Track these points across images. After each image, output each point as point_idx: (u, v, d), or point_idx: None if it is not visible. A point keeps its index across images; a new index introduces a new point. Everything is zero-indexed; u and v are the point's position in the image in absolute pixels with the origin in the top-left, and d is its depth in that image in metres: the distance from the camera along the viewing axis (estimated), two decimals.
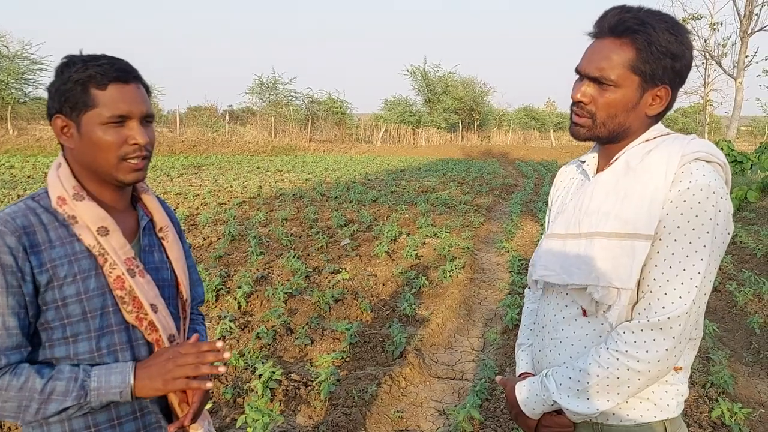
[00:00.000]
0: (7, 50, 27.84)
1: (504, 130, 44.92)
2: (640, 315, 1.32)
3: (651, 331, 1.30)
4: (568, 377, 1.41)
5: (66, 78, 1.27)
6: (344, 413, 3.58)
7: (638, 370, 1.31)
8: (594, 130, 1.41)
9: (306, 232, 8.96)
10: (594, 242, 1.38)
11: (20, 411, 1.20)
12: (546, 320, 1.57)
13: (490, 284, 6.71)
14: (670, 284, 1.29)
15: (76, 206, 1.30)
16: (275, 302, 5.57)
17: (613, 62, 1.34)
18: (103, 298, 1.31)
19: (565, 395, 1.41)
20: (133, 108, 1.29)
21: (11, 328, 1.21)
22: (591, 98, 1.39)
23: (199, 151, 27.14)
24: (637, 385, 1.34)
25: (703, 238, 1.28)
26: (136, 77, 1.32)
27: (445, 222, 9.93)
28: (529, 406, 1.49)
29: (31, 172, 16.20)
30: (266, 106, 36.27)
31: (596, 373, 1.35)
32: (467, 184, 16.30)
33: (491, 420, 3.59)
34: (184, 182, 15.42)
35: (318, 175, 18.07)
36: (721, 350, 4.53)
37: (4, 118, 26.88)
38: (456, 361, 4.62)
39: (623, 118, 1.38)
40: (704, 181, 1.28)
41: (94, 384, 1.24)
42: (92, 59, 1.28)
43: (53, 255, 1.26)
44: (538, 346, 1.61)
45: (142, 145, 1.31)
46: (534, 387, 1.49)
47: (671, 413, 1.42)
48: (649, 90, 1.36)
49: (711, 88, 27.16)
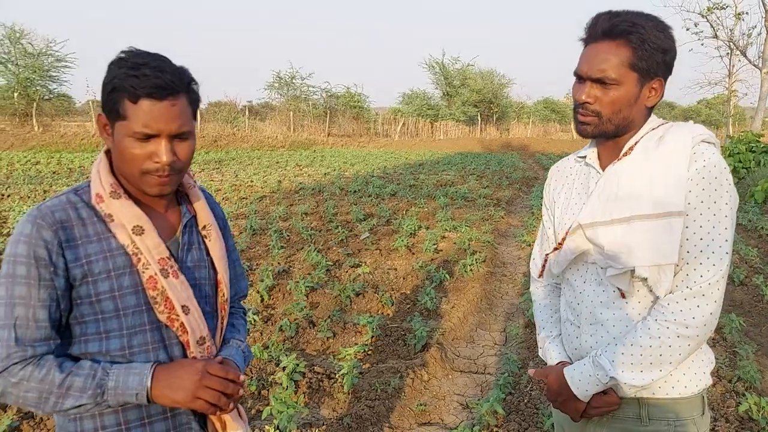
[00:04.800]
0: (32, 47, 28.27)
1: (524, 123, 44.54)
2: (680, 285, 1.43)
3: (694, 298, 1.41)
4: (621, 353, 1.48)
5: (109, 80, 1.24)
6: (368, 406, 3.61)
7: (687, 336, 1.42)
8: (601, 127, 1.51)
9: (326, 226, 9.00)
10: (633, 226, 1.47)
11: (40, 402, 1.22)
12: (581, 308, 1.62)
13: (511, 278, 6.69)
14: (703, 254, 1.41)
15: (113, 204, 1.30)
16: (297, 295, 5.61)
17: (613, 62, 1.45)
18: (137, 297, 1.31)
19: (620, 370, 1.47)
20: (162, 126, 1.24)
21: (41, 320, 1.23)
22: (595, 98, 1.49)
23: (220, 146, 27.35)
24: (687, 351, 1.44)
25: (723, 208, 1.42)
26: (174, 93, 1.25)
27: (464, 216, 9.91)
28: (583, 388, 1.54)
29: (56, 168, 16.46)
30: (285, 101, 36.37)
31: (649, 344, 1.44)
32: (486, 178, 16.22)
33: (515, 414, 3.59)
34: (205, 177, 15.57)
35: (337, 169, 18.11)
36: (747, 344, 4.47)
37: (30, 115, 27.31)
38: (478, 355, 4.62)
39: (627, 112, 1.49)
40: (715, 159, 1.43)
41: (112, 383, 1.24)
42: (137, 66, 1.22)
43: (89, 250, 1.27)
44: (574, 334, 1.66)
45: (164, 164, 1.26)
46: (586, 369, 1.54)
47: (708, 381, 1.55)
48: (646, 84, 1.49)
49: (736, 78, 26.69)
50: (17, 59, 27.90)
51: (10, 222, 8.59)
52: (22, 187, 12.27)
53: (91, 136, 25.35)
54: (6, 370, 1.21)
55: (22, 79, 27.66)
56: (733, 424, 3.42)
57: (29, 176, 14.39)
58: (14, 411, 3.40)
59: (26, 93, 27.84)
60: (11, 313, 1.22)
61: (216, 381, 1.29)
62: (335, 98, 37.47)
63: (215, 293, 1.49)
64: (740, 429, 3.40)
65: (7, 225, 8.47)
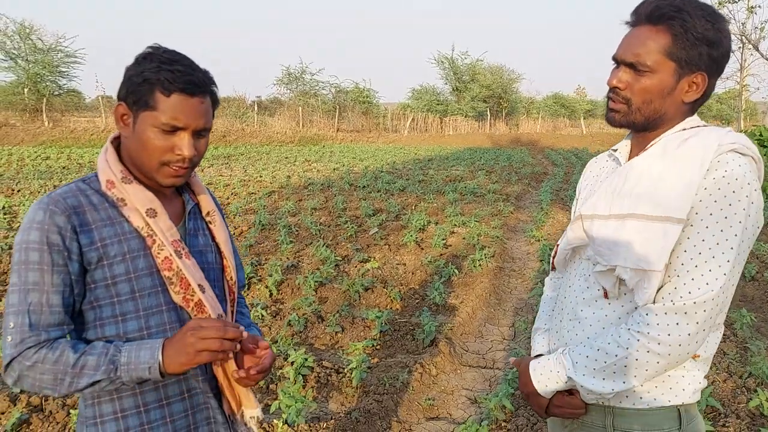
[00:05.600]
0: (41, 43, 28.46)
1: (533, 118, 44.31)
2: (665, 298, 1.31)
3: (675, 314, 1.29)
4: (585, 355, 1.41)
5: (139, 72, 1.28)
6: (376, 400, 3.61)
7: (658, 352, 1.30)
8: (629, 116, 1.41)
9: (335, 222, 9.00)
10: (626, 224, 1.38)
11: (56, 384, 1.24)
12: (566, 302, 1.57)
13: (521, 273, 6.66)
14: (698, 270, 1.29)
15: (126, 189, 1.33)
16: (306, 290, 5.62)
17: (649, 48, 1.35)
18: (152, 278, 1.34)
19: (581, 373, 1.40)
20: (190, 121, 1.30)
21: (54, 305, 1.25)
22: (627, 84, 1.40)
23: (229, 141, 27.44)
24: (655, 369, 1.33)
25: (734, 227, 1.28)
26: (204, 91, 1.32)
27: (473, 211, 9.88)
28: (543, 383, 1.48)
29: (66, 163, 16.57)
30: (294, 97, 36.39)
31: (615, 353, 1.35)
32: (496, 173, 16.16)
33: (523, 409, 3.57)
34: (214, 172, 15.62)
35: (346, 164, 18.11)
36: (759, 340, 4.43)
37: (40, 110, 27.51)
38: (487, 350, 4.61)
39: (659, 104, 1.38)
40: (739, 171, 1.29)
41: (124, 359, 1.25)
42: (169, 62, 1.28)
43: (103, 234, 1.30)
44: (556, 328, 1.61)
45: (186, 158, 1.32)
46: (549, 364, 1.48)
47: (686, 398, 1.41)
48: (686, 76, 1.37)
49: (747, 73, 26.42)
50: (27, 55, 28.12)
51: (19, 217, 8.65)
52: (33, 182, 12.37)
53: (101, 132, 25.49)
54: (21, 354, 1.23)
55: (32, 75, 27.87)
56: (744, 420, 3.39)
57: (39, 171, 14.50)
58: (24, 404, 3.43)
59: (36, 88, 28.06)
60: (25, 299, 1.23)
61: (211, 330, 1.27)
62: (344, 94, 37.44)
63: (222, 277, 1.53)
64: (751, 425, 3.37)
65: (17, 219, 8.53)
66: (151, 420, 1.36)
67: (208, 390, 1.45)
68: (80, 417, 1.38)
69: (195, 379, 1.42)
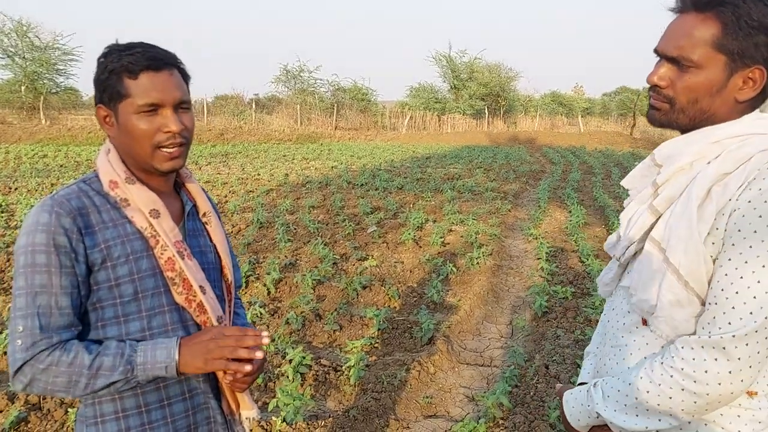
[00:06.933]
0: (39, 41, 28.36)
1: (531, 116, 44.30)
2: (703, 330, 1.14)
3: (712, 349, 1.11)
4: (617, 389, 1.27)
5: (103, 68, 1.29)
6: (374, 398, 3.61)
7: (694, 391, 1.13)
8: (671, 116, 1.25)
9: (333, 220, 9.00)
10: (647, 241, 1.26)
11: (70, 386, 1.23)
12: (609, 326, 1.41)
13: (518, 271, 6.67)
14: (739, 297, 1.09)
15: (129, 189, 1.33)
16: (304, 288, 5.62)
17: (695, 40, 1.17)
18: (155, 279, 1.34)
19: (611, 408, 1.26)
20: (165, 96, 1.29)
21: (64, 307, 1.25)
22: (669, 81, 1.22)
23: (227, 139, 27.38)
24: (693, 408, 1.15)
25: None
26: (168, 64, 1.32)
27: (471, 209, 9.89)
28: (575, 416, 1.37)
29: (63, 161, 16.53)
30: (292, 95, 36.35)
31: (646, 389, 1.19)
32: (494, 171, 16.17)
33: (520, 407, 3.58)
34: (212, 170, 15.60)
35: (344, 162, 18.09)
36: None
37: (37, 108, 27.44)
38: (484, 348, 4.61)
39: (706, 103, 1.20)
40: None
41: (140, 359, 1.26)
42: (127, 48, 1.29)
43: (107, 235, 1.30)
44: (600, 354, 1.46)
45: (175, 133, 1.31)
46: (580, 396, 1.37)
47: None
48: (739, 71, 1.17)
49: None
50: (24, 53, 28.02)
51: (17, 215, 8.64)
52: (30, 180, 12.34)
53: (98, 130, 25.42)
54: (33, 357, 1.22)
55: (30, 73, 27.79)
56: None
57: (36, 169, 14.47)
58: (22, 402, 3.43)
59: (33, 86, 27.99)
60: (33, 302, 1.23)
61: (231, 339, 1.30)
62: (343, 91, 37.40)
63: (220, 278, 1.54)
64: None
65: (15, 218, 8.52)
66: (152, 420, 1.37)
67: (209, 390, 1.46)
68: (80, 416, 1.38)
69: (196, 380, 1.43)
